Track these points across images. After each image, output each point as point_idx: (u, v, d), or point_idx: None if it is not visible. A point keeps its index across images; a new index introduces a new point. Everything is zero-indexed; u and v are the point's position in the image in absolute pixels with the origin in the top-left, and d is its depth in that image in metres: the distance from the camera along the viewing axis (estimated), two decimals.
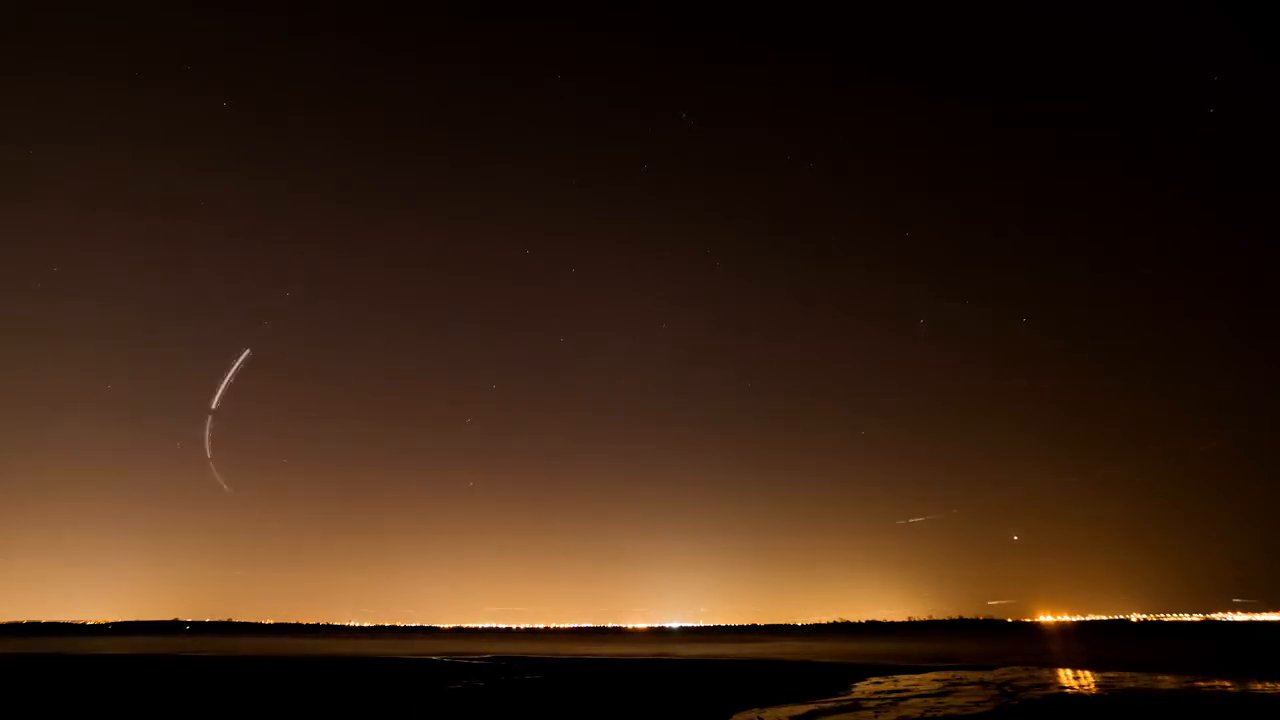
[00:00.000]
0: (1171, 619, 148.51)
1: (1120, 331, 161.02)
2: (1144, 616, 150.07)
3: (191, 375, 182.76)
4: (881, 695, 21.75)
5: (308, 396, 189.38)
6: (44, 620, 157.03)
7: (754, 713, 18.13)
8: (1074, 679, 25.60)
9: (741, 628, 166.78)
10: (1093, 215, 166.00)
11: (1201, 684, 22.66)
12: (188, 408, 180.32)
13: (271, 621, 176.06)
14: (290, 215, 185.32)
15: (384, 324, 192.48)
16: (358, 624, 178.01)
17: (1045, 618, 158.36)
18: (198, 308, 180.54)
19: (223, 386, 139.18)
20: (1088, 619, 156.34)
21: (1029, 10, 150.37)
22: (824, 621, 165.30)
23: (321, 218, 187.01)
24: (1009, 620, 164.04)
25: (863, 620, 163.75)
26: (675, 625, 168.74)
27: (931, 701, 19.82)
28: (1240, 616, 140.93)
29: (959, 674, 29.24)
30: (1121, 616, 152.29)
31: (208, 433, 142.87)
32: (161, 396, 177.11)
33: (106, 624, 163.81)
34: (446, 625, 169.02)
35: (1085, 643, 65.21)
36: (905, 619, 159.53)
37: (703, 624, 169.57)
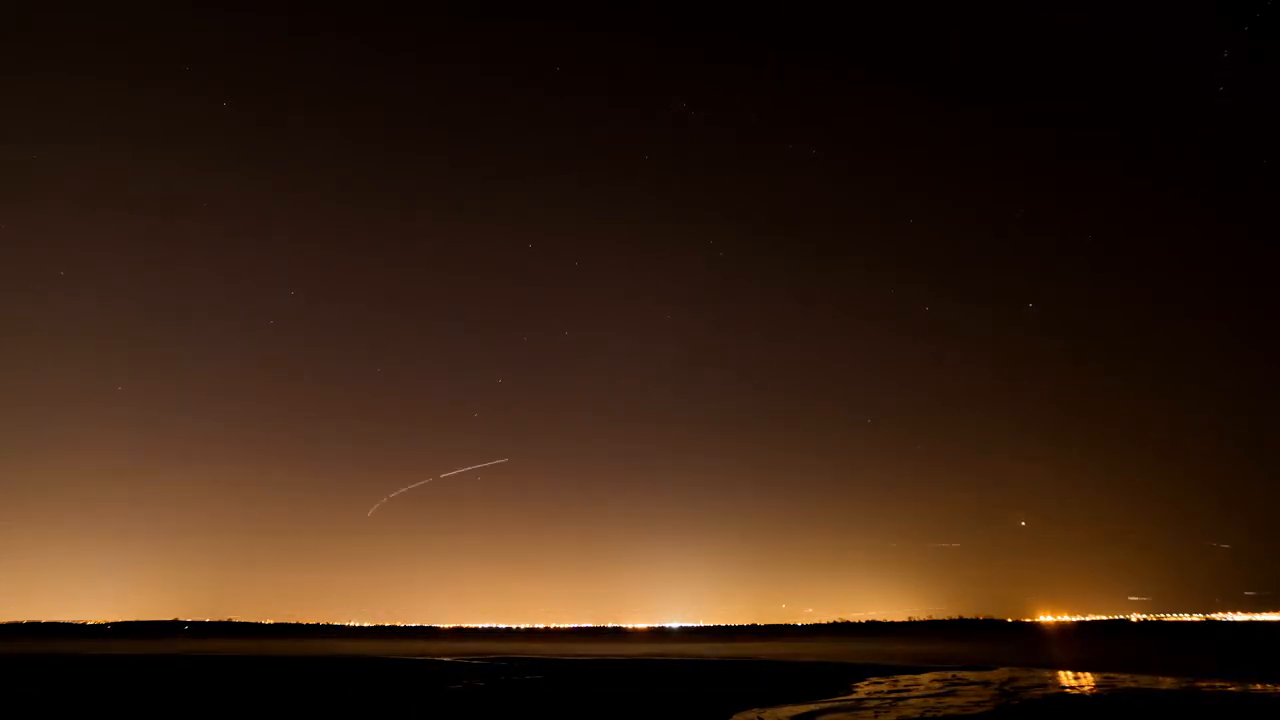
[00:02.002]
0: (1172, 619, 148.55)
1: (1120, 331, 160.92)
2: (1144, 616, 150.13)
3: (194, 375, 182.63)
4: (881, 695, 21.75)
5: (308, 396, 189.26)
6: (44, 620, 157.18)
7: (754, 713, 18.13)
8: (1074, 679, 25.59)
9: (741, 628, 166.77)
10: (1093, 215, 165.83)
11: (1201, 684, 22.66)
12: (192, 406, 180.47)
13: (271, 621, 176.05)
14: (291, 215, 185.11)
15: (385, 323, 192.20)
16: (358, 624, 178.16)
17: (1045, 618, 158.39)
18: (200, 308, 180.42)
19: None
20: (1088, 619, 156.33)
21: (1029, 10, 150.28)
22: (824, 621, 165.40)
23: (322, 218, 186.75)
24: (1009, 620, 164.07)
25: (863, 620, 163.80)
26: (675, 625, 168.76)
27: (931, 701, 19.82)
28: (1240, 616, 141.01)
29: (959, 674, 29.24)
30: (1121, 616, 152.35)
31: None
32: (165, 397, 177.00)
33: (106, 624, 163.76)
34: (446, 625, 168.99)
35: (1085, 643, 65.19)
36: (905, 619, 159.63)
37: (703, 624, 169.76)
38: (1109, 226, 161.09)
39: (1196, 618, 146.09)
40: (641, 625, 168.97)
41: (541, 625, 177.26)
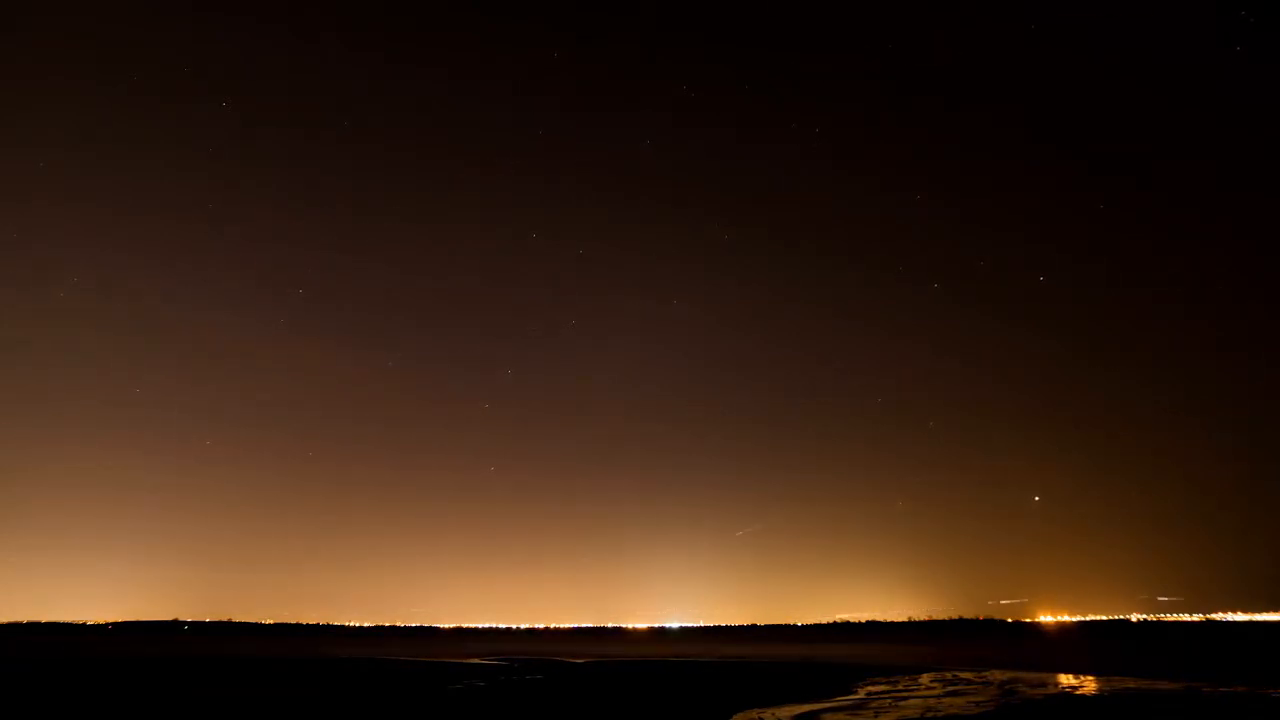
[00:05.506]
0: (1171, 619, 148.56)
1: (1120, 331, 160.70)
2: (1144, 616, 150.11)
3: (203, 374, 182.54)
4: (881, 695, 21.76)
5: (309, 395, 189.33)
6: (44, 620, 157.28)
7: (754, 713, 18.14)
8: (1074, 679, 25.60)
9: (741, 628, 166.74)
10: (1093, 215, 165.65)
11: (1201, 684, 22.66)
12: (199, 407, 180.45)
13: (271, 621, 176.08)
14: (291, 215, 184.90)
15: (391, 320, 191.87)
16: (358, 624, 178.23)
17: (1046, 618, 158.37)
18: (205, 309, 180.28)
19: None
20: (1088, 619, 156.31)
21: (1030, 10, 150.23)
22: (824, 621, 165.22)
23: (322, 216, 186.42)
24: (1010, 621, 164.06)
25: (863, 620, 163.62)
26: (675, 625, 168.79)
27: (932, 702, 19.83)
28: (1240, 616, 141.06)
29: (959, 674, 29.25)
30: (1121, 616, 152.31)
31: None
32: (171, 397, 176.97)
33: (107, 624, 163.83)
34: (446, 625, 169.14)
35: (1085, 643, 65.21)
36: (905, 619, 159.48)
37: (703, 624, 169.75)
38: (1109, 227, 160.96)
39: (1196, 618, 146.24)
40: (641, 625, 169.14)
41: (541, 625, 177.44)
